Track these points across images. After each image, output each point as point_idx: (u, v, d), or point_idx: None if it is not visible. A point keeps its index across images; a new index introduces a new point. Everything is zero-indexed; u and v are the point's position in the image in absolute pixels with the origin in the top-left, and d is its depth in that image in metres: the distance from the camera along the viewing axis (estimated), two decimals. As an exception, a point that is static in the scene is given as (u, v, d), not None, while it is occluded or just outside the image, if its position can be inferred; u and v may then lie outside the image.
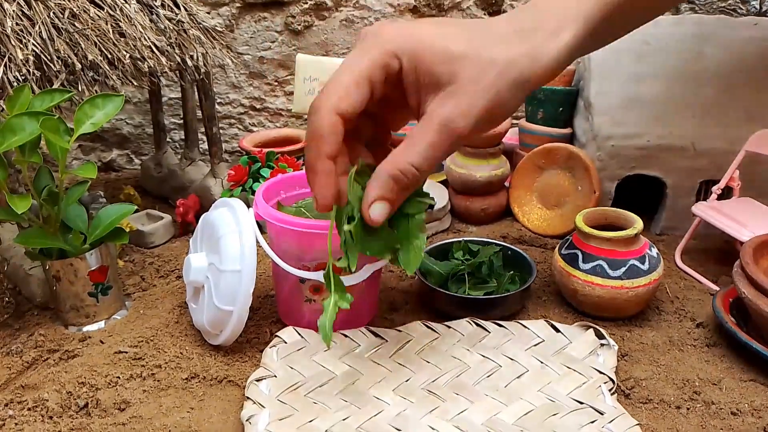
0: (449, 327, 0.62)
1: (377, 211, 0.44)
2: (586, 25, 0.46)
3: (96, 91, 0.69)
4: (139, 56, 0.74)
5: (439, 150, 0.43)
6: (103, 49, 0.71)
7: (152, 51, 0.76)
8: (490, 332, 0.61)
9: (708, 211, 0.75)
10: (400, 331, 0.61)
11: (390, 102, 0.46)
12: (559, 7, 0.45)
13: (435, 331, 0.61)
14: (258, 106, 1.22)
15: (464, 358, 0.57)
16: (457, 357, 0.58)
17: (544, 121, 0.97)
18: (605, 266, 0.65)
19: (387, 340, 0.60)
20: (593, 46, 0.50)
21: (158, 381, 0.58)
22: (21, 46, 0.65)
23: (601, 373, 0.55)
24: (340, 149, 0.43)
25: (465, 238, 0.76)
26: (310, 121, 0.43)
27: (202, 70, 0.85)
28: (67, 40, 0.69)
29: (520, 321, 0.62)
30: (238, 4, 1.13)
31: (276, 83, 1.20)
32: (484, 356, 0.58)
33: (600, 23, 0.47)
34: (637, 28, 0.54)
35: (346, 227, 0.46)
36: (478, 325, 0.62)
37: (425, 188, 0.49)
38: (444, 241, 0.76)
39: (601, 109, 0.86)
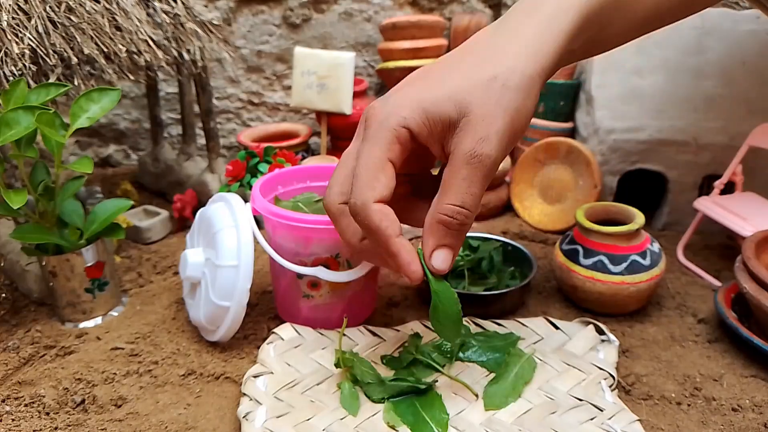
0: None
1: (440, 259, 0.45)
2: (577, 19, 0.44)
3: (92, 85, 0.69)
4: (135, 50, 0.74)
5: (475, 183, 0.43)
6: (100, 43, 0.70)
7: (149, 45, 0.75)
8: (489, 331, 0.61)
9: (710, 205, 0.74)
10: (398, 330, 0.61)
11: (415, 152, 0.46)
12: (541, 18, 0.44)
13: (433, 330, 0.61)
14: (256, 101, 1.22)
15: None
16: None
17: (544, 115, 0.97)
18: (606, 262, 0.64)
19: (385, 340, 0.60)
20: (585, 45, 0.48)
21: (155, 377, 0.58)
22: (17, 40, 0.65)
23: (600, 369, 0.55)
24: (398, 222, 0.44)
25: (465, 234, 0.76)
26: (358, 221, 0.44)
27: (200, 64, 0.84)
28: (63, 34, 0.68)
29: (518, 319, 0.62)
30: (236, -2, 1.12)
31: (274, 77, 1.20)
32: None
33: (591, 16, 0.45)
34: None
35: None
36: (476, 324, 0.62)
37: None
38: (443, 237, 0.76)
39: (602, 103, 0.86)
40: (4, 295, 0.73)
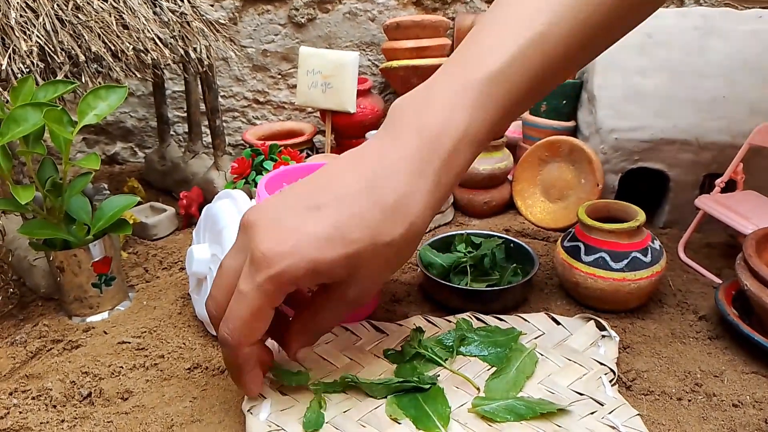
0: (450, 321, 0.62)
1: (302, 354, 0.51)
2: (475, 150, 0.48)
3: (99, 82, 0.70)
4: (142, 48, 0.74)
5: (342, 317, 0.50)
6: (107, 41, 0.71)
7: (155, 43, 0.76)
8: (490, 326, 0.61)
9: (711, 204, 0.75)
10: (401, 325, 0.61)
11: None
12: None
13: (436, 325, 0.61)
14: (261, 99, 1.23)
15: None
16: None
17: (547, 114, 0.97)
18: (607, 258, 0.65)
19: (388, 334, 0.60)
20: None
21: (161, 371, 0.59)
22: (25, 37, 0.66)
23: (601, 364, 0.55)
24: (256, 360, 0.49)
25: (467, 231, 0.76)
26: (226, 354, 0.48)
27: (206, 63, 0.85)
28: (71, 32, 0.69)
29: (520, 314, 0.62)
30: (241, -3, 1.13)
31: (279, 76, 1.21)
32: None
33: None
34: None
35: None
36: (478, 319, 0.62)
37: None
38: (446, 234, 0.76)
39: (604, 102, 0.86)
40: (12, 290, 0.74)
